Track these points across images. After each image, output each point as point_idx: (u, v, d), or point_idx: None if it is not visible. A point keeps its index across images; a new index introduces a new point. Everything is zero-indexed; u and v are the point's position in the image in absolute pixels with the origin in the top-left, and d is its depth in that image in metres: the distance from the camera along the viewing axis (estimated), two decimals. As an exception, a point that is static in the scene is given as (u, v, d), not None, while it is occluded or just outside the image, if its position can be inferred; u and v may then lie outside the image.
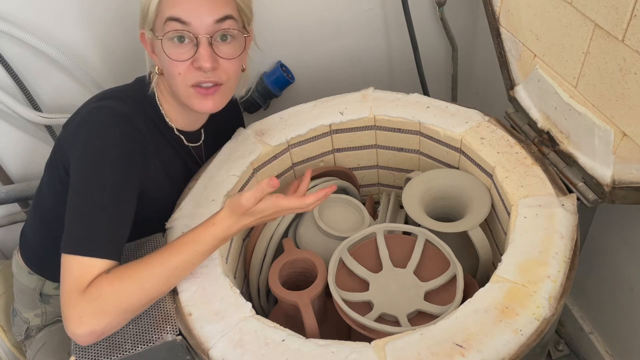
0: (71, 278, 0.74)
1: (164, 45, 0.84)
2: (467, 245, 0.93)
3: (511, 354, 0.67)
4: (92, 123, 0.84)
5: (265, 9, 1.22)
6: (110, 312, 0.73)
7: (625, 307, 1.12)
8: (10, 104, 1.15)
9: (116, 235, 0.80)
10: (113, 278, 0.75)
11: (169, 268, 0.76)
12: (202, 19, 0.81)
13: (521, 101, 1.01)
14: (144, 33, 0.89)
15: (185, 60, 0.84)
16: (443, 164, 1.04)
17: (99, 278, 0.75)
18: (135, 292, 0.75)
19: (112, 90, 0.94)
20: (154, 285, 0.76)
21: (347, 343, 0.71)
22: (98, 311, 0.73)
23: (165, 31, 0.83)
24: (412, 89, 1.12)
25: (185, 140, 0.99)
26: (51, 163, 0.95)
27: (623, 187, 0.80)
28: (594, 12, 0.75)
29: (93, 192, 0.79)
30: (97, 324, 0.73)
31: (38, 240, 1.02)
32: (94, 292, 0.73)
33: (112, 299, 0.73)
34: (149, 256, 0.77)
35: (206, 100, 0.87)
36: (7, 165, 1.28)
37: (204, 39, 0.82)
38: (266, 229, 0.98)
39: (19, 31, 1.07)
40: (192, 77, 0.85)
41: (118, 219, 0.80)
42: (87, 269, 0.75)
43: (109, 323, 0.74)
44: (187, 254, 0.77)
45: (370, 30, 1.37)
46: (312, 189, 1.03)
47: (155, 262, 0.76)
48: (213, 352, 0.72)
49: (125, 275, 0.75)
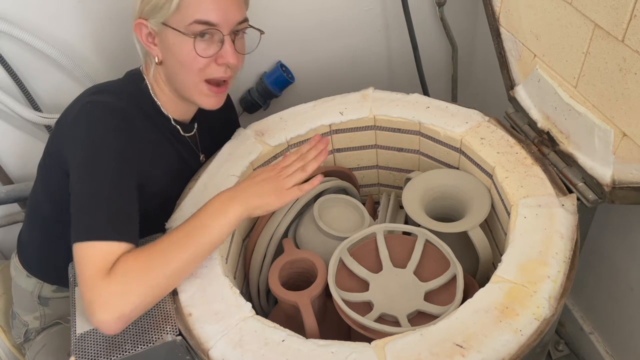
0: (91, 264, 0.73)
1: (195, 43, 0.85)
2: (467, 245, 0.93)
3: (511, 354, 0.67)
4: (87, 117, 0.84)
5: (265, 9, 1.22)
6: (139, 291, 0.73)
7: (625, 307, 1.12)
8: (10, 104, 1.15)
9: (129, 219, 0.80)
10: (138, 253, 0.75)
11: (194, 245, 0.78)
12: (228, 21, 0.86)
13: (521, 101, 1.01)
14: (142, 23, 0.88)
15: (209, 57, 0.86)
16: (443, 164, 1.04)
17: (122, 257, 0.74)
18: (162, 265, 0.75)
19: (103, 84, 0.94)
20: (179, 257, 0.76)
21: (347, 343, 0.71)
22: (126, 291, 0.72)
23: (191, 30, 0.84)
24: (412, 89, 1.12)
25: (181, 131, 0.99)
26: (45, 164, 0.94)
27: (623, 187, 0.80)
28: (594, 12, 0.75)
29: (97, 180, 0.79)
30: (126, 306, 0.72)
31: (35, 242, 1.02)
32: (120, 271, 0.73)
33: (139, 275, 0.73)
34: (172, 230, 0.79)
35: (215, 97, 0.91)
36: (7, 165, 1.28)
37: (229, 38, 0.87)
38: (266, 229, 0.98)
39: (18, 31, 1.07)
40: (210, 72, 0.88)
41: (127, 203, 0.81)
42: (108, 253, 0.74)
43: (138, 303, 0.73)
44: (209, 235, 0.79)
45: (370, 31, 1.37)
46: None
47: (179, 238, 0.78)
48: (213, 353, 0.72)
49: (150, 249, 0.76)
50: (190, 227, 0.79)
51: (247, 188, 0.84)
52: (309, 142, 0.94)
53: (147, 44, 0.90)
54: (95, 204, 0.78)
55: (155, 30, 0.87)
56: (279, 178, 0.87)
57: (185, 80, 0.89)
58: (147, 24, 0.87)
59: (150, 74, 0.94)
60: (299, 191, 0.87)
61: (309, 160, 0.90)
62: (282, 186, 0.86)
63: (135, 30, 0.89)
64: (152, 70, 0.93)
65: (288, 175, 0.87)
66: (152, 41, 0.90)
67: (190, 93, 0.90)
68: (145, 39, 0.89)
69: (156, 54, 0.90)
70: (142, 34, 0.89)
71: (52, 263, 1.00)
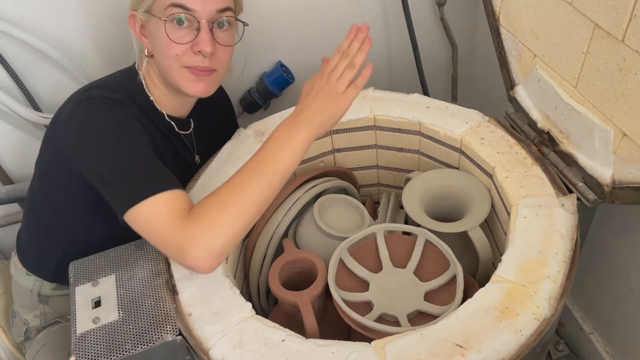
0: (162, 214, 0.74)
1: (166, 27, 0.84)
2: (467, 245, 0.93)
3: (511, 354, 0.67)
4: (83, 110, 0.84)
5: (265, 9, 1.22)
6: (223, 222, 0.73)
7: (625, 307, 1.12)
8: (10, 104, 1.15)
9: (165, 171, 0.80)
10: (212, 193, 0.76)
11: (267, 174, 0.77)
12: (205, 7, 0.84)
13: (521, 101, 1.01)
14: (134, 14, 0.89)
15: (185, 43, 0.85)
16: (443, 164, 1.04)
17: (199, 202, 0.75)
18: (239, 195, 0.75)
19: (96, 80, 0.94)
20: (254, 186, 0.76)
21: (347, 343, 0.71)
22: (211, 225, 0.72)
23: (167, 14, 0.84)
24: (412, 89, 1.12)
25: (176, 128, 0.99)
26: (42, 161, 0.94)
27: (623, 187, 0.80)
28: (594, 12, 0.75)
29: (115, 153, 0.80)
30: (215, 240, 0.72)
31: (33, 240, 1.02)
32: (200, 211, 0.73)
33: (219, 208, 0.73)
34: (243, 165, 0.79)
35: (200, 82, 0.89)
36: (7, 165, 1.28)
37: (205, 24, 0.85)
38: (266, 229, 0.98)
39: (18, 31, 1.07)
40: (187, 60, 0.87)
41: (154, 160, 0.81)
42: (171, 200, 0.75)
43: (225, 235, 0.73)
44: (277, 163, 0.78)
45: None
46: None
47: (250, 170, 0.78)
48: (213, 352, 0.72)
49: (224, 186, 0.77)
50: (261, 157, 0.78)
51: (305, 108, 0.80)
52: (347, 35, 0.86)
53: (140, 37, 0.91)
54: (127, 171, 0.78)
55: (143, 20, 0.88)
56: (330, 84, 0.81)
57: (168, 68, 0.88)
58: (137, 14, 0.88)
59: (143, 68, 0.94)
60: (355, 89, 0.81)
61: (353, 53, 0.83)
62: (337, 92, 0.80)
63: (130, 23, 0.90)
64: (144, 65, 0.93)
65: (338, 77, 0.81)
66: (143, 33, 0.91)
67: (175, 80, 0.89)
68: (139, 32, 0.91)
69: (147, 45, 0.91)
70: (135, 27, 0.90)
71: (50, 261, 1.00)
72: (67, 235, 0.97)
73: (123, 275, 0.84)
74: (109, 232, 0.88)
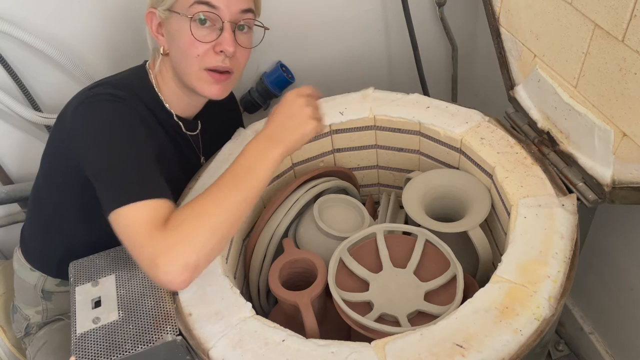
0: (140, 223, 0.72)
1: (191, 25, 0.85)
2: (467, 245, 0.93)
3: (511, 354, 0.67)
4: (89, 105, 0.84)
5: (265, 9, 1.22)
6: (198, 235, 0.71)
7: (625, 307, 1.12)
8: (10, 104, 1.15)
9: (158, 179, 0.79)
10: (189, 203, 0.74)
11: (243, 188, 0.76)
12: (230, 7, 0.85)
13: (521, 101, 1.01)
14: (153, 12, 0.90)
15: (207, 43, 0.86)
16: (443, 164, 1.04)
17: (175, 211, 0.74)
18: (215, 208, 0.73)
19: (104, 78, 0.94)
20: (230, 199, 0.75)
21: (347, 343, 0.71)
22: (185, 237, 0.70)
23: (192, 12, 0.85)
24: (412, 89, 1.12)
25: (183, 128, 0.99)
26: (47, 157, 0.94)
27: (623, 187, 0.80)
28: (593, 12, 0.75)
29: (114, 151, 0.79)
30: (190, 254, 0.70)
31: (37, 236, 1.02)
32: (175, 221, 0.72)
33: (195, 220, 0.72)
34: (219, 177, 0.78)
35: (216, 85, 0.90)
36: (7, 165, 1.28)
37: (229, 25, 0.86)
38: (266, 229, 0.98)
39: (18, 31, 1.07)
40: (209, 60, 0.88)
41: (151, 165, 0.80)
42: (153, 209, 0.74)
43: (200, 250, 0.71)
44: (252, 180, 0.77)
45: (370, 31, 1.37)
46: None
47: (226, 182, 0.76)
48: (213, 353, 0.72)
49: (200, 197, 0.75)
50: (236, 171, 0.77)
51: (281, 125, 0.81)
52: None
53: (156, 35, 0.91)
54: (122, 171, 0.78)
55: (163, 18, 0.89)
56: (305, 105, 0.82)
57: (187, 68, 0.89)
58: (156, 12, 0.89)
59: (156, 68, 0.94)
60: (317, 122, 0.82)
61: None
62: (310, 113, 0.82)
63: (147, 20, 0.91)
64: (158, 63, 0.94)
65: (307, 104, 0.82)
66: (160, 31, 0.91)
67: (193, 82, 0.90)
68: (156, 30, 0.91)
69: (163, 44, 0.91)
70: (152, 25, 0.91)
71: (54, 257, 1.01)
72: (69, 232, 0.97)
73: (123, 275, 0.84)
74: (112, 231, 0.88)
